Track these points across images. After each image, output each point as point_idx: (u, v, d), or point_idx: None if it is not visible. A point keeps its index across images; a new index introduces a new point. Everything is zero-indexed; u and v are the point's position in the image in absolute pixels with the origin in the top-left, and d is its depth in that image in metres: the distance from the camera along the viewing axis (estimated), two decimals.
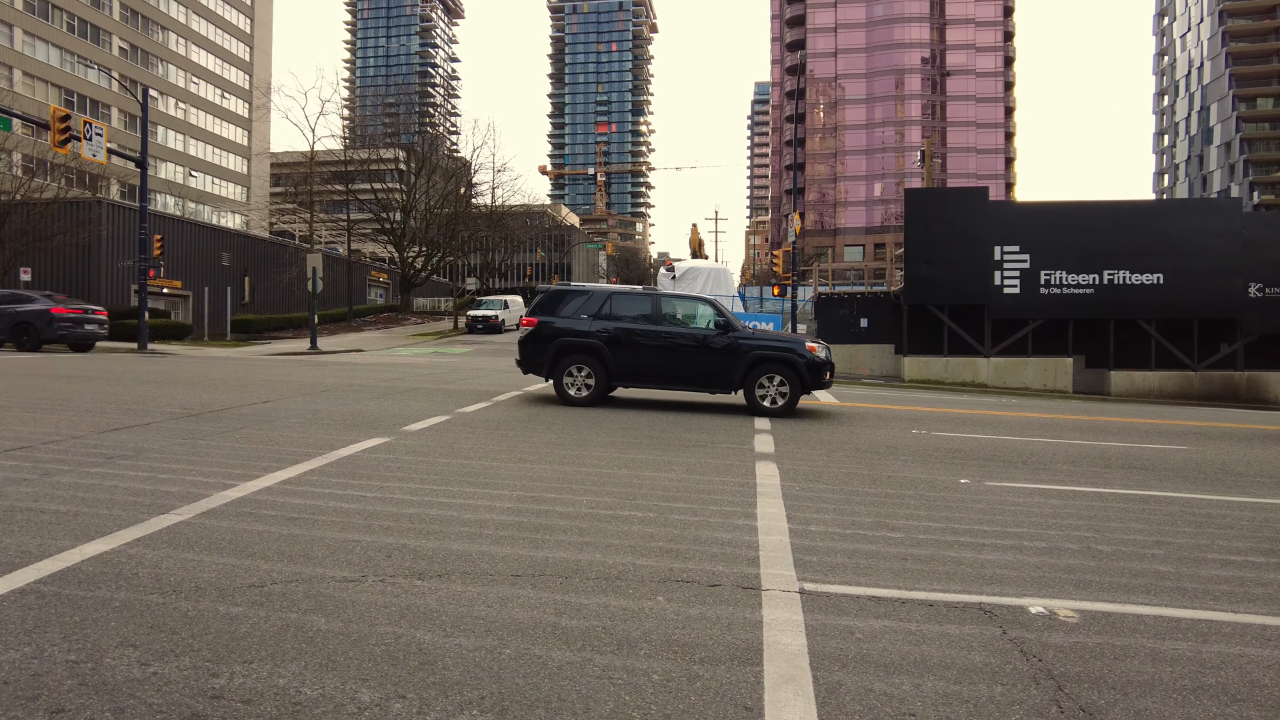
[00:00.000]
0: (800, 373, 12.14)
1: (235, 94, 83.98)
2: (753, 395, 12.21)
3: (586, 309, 12.74)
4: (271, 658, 3.33)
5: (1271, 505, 7.20)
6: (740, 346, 12.24)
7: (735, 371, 12.22)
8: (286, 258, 45.52)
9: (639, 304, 12.82)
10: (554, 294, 13.16)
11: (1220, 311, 21.91)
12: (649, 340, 12.44)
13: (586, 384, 12.47)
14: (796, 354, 12.20)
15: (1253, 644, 3.95)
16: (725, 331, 12.34)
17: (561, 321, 12.68)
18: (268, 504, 5.83)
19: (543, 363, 12.68)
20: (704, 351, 12.33)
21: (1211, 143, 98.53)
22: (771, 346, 12.34)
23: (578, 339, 12.49)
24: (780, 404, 12.14)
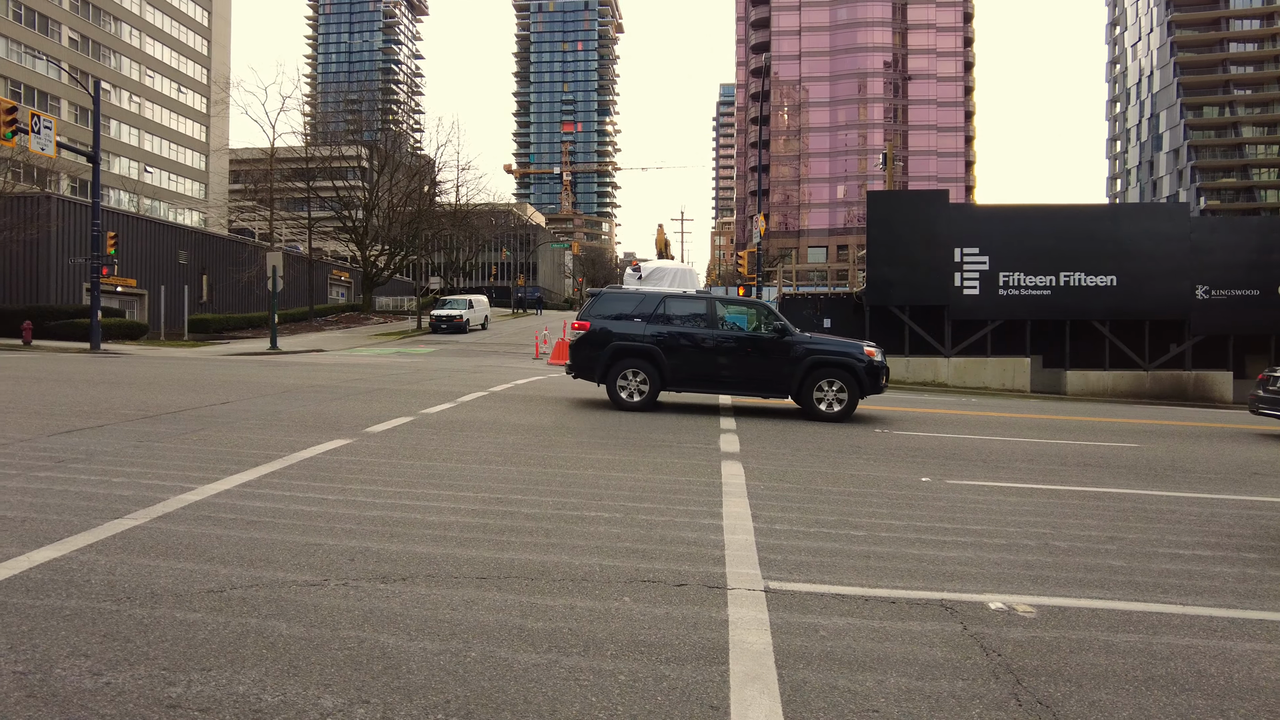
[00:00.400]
0: (859, 377, 11.95)
1: (192, 88, 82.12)
2: (810, 400, 11.96)
3: (640, 312, 12.45)
4: (231, 665, 3.26)
5: (1217, 500, 7.44)
6: (798, 350, 12.01)
7: (793, 376, 11.98)
8: (246, 256, 44.66)
9: (694, 307, 12.54)
10: (605, 297, 12.87)
11: (1170, 313, 22.57)
12: (705, 344, 12.17)
13: (640, 389, 12.17)
14: (855, 358, 11.99)
15: (1200, 635, 4.07)
16: (783, 335, 12.16)
17: (614, 325, 12.36)
18: (227, 507, 5.71)
19: (595, 367, 12.33)
20: (761, 356, 12.12)
21: (1161, 149, 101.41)
22: (830, 350, 12.07)
23: (632, 343, 12.17)
24: (838, 409, 11.90)
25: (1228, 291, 22.48)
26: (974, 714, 3.14)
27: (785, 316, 27.81)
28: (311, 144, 53.17)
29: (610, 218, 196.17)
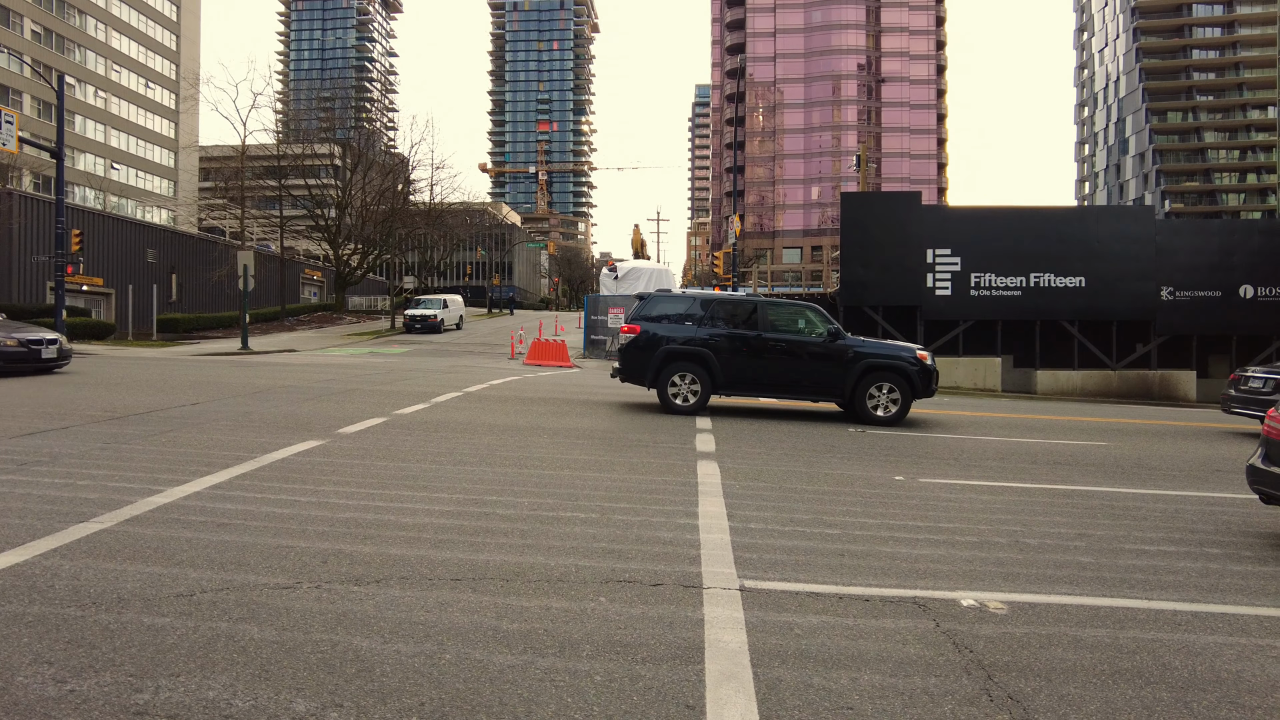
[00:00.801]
0: (912, 381, 11.89)
1: (161, 84, 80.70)
2: (864, 404, 11.89)
3: (690, 315, 12.36)
4: (201, 669, 3.21)
5: (1181, 497, 7.60)
6: (852, 354, 11.94)
7: (846, 380, 11.90)
8: (216, 255, 43.98)
9: (745, 310, 12.45)
10: (655, 300, 12.71)
11: (1136, 314, 23.00)
12: (758, 348, 12.08)
13: (692, 391, 12.05)
14: (909, 361, 11.94)
15: (1164, 629, 4.16)
16: (835, 339, 12.08)
17: (664, 328, 12.24)
18: (196, 510, 5.62)
19: (645, 371, 12.20)
20: (814, 359, 12.04)
21: (1127, 153, 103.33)
22: (883, 354, 12.01)
23: (684, 346, 12.05)
24: (891, 413, 11.84)
25: (1191, 293, 22.97)
26: (947, 710, 3.17)
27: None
28: (284, 141, 52.51)
29: (586, 217, 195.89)
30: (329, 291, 59.69)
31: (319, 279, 62.94)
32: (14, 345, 14.66)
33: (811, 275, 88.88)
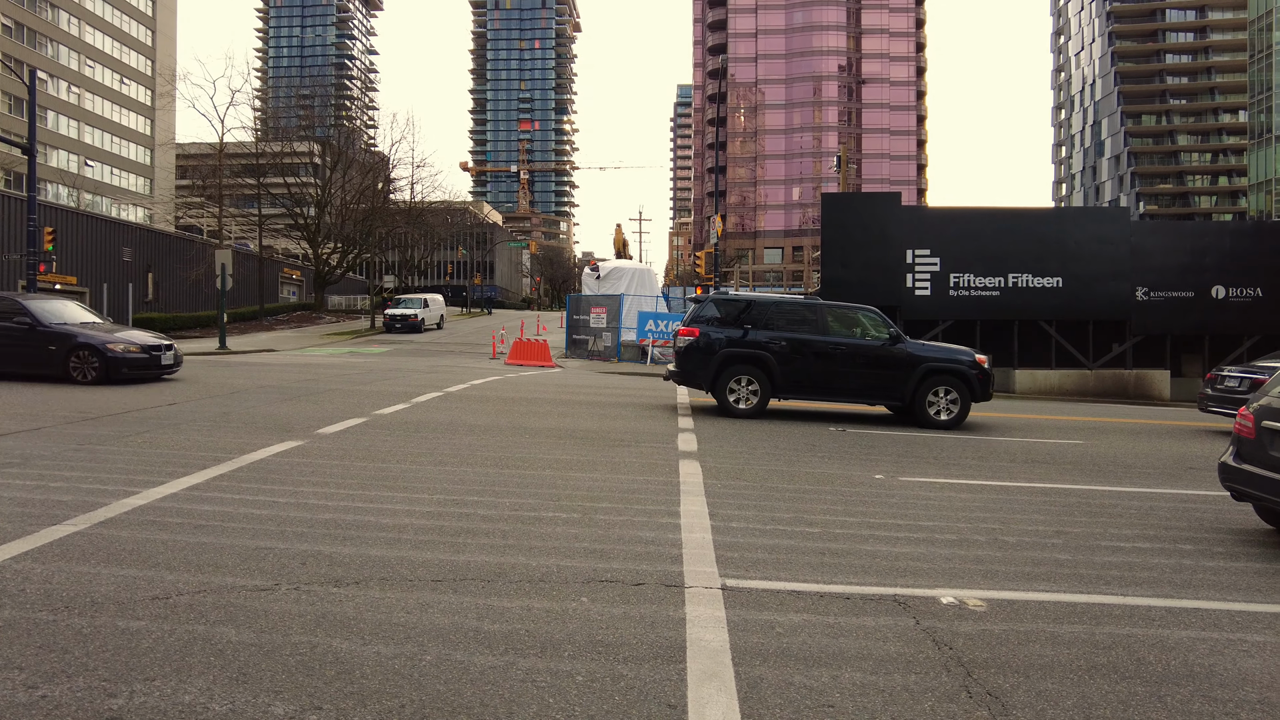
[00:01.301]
0: (972, 385, 11.89)
1: (136, 79, 79.59)
2: (923, 408, 11.85)
3: (749, 319, 12.28)
4: (177, 673, 3.17)
5: (1156, 494, 7.71)
6: (911, 358, 11.92)
7: (906, 384, 11.86)
8: (194, 253, 43.46)
9: (804, 313, 12.36)
10: (714, 303, 12.64)
11: (1112, 314, 23.30)
12: (818, 351, 12.02)
13: (751, 395, 11.99)
14: (968, 365, 11.95)
15: (1139, 624, 4.22)
16: (895, 342, 12.06)
17: (724, 331, 12.17)
18: (173, 511, 5.55)
19: (704, 374, 12.11)
20: (874, 363, 11.99)
21: (1103, 155, 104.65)
22: (943, 358, 12.02)
23: (743, 349, 11.99)
24: (950, 416, 11.84)
25: (1165, 293, 23.30)
26: (926, 707, 3.20)
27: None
28: (262, 139, 51.97)
29: (568, 217, 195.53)
30: (308, 291, 59.15)
31: (298, 278, 62.37)
32: (137, 351, 13.80)
33: (793, 275, 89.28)
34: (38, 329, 13.63)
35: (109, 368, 13.39)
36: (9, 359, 13.68)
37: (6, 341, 13.64)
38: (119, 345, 13.60)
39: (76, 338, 13.54)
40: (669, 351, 26.69)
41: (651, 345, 26.34)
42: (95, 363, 13.36)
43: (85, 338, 13.54)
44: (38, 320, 13.72)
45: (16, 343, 13.62)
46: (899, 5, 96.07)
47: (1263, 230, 27.77)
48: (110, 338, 13.73)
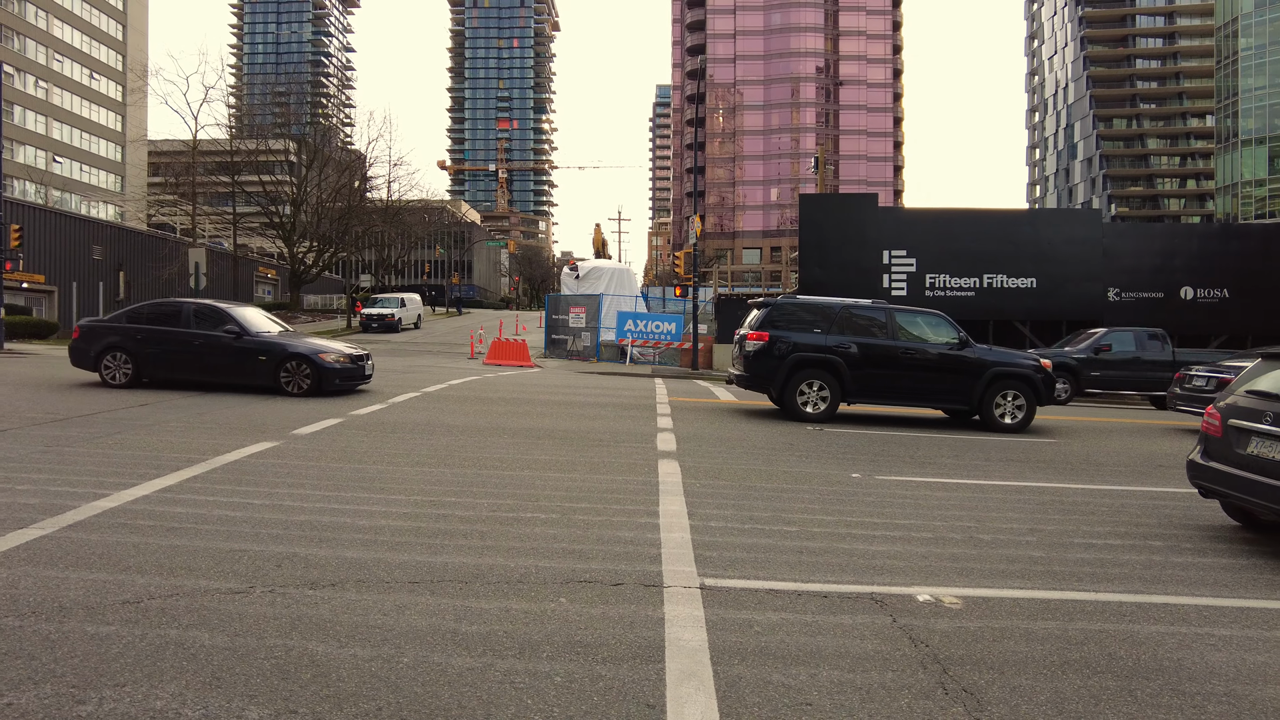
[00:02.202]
0: (1037, 389, 12.04)
1: (106, 75, 78.22)
2: (990, 412, 11.99)
3: (820, 323, 12.27)
4: (148, 679, 3.12)
5: (1127, 492, 7.83)
6: (980, 362, 12.02)
7: (974, 388, 11.97)
8: (166, 252, 42.81)
9: (874, 318, 12.37)
10: (784, 307, 12.61)
11: (1084, 314, 23.65)
12: (888, 356, 12.05)
13: (821, 399, 12.00)
14: (1034, 369, 12.12)
15: (1110, 620, 4.28)
16: (963, 346, 12.14)
17: (795, 336, 12.17)
18: (145, 514, 5.47)
19: (773, 378, 12.11)
20: (942, 368, 12.05)
21: (1076, 157, 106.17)
22: (1010, 362, 12.16)
23: (814, 354, 12.01)
24: (1018, 419, 11.98)
25: (1136, 294, 23.70)
26: (903, 704, 3.23)
27: (718, 316, 27.77)
28: (237, 137, 51.32)
29: (547, 216, 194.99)
30: (283, 290, 58.51)
31: (273, 277, 61.67)
32: (346, 361, 13.08)
33: (771, 276, 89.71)
34: (245, 339, 12.98)
35: (322, 379, 12.72)
36: (217, 370, 12.97)
37: (214, 352, 12.92)
38: (330, 355, 12.93)
39: (288, 348, 12.86)
40: (648, 351, 26.67)
41: (630, 345, 26.32)
42: (308, 373, 12.68)
43: (296, 348, 12.89)
44: (245, 330, 13.08)
45: (224, 354, 12.90)
46: (876, 8, 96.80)
47: (1229, 233, 28.34)
48: (320, 348, 13.14)
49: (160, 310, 13.55)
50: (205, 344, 12.97)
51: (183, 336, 13.05)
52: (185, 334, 13.07)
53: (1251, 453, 5.71)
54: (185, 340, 13.03)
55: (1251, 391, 6.05)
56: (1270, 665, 3.79)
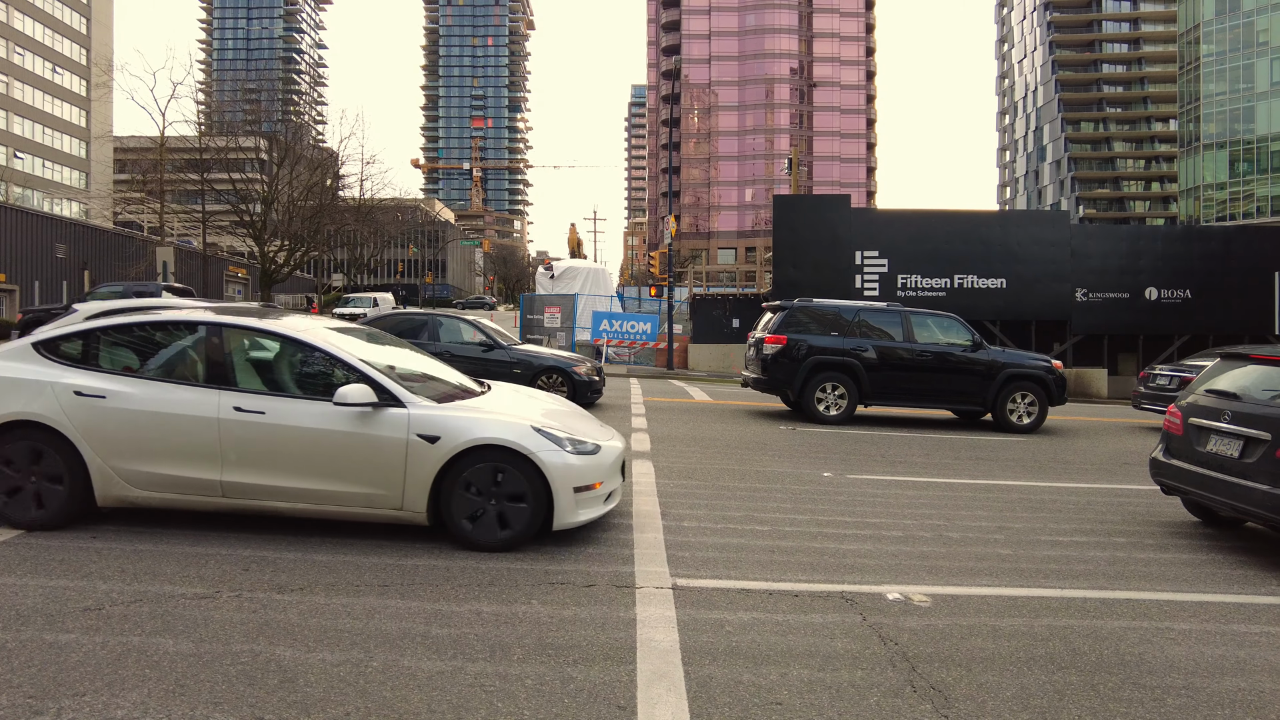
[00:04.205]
0: (1049, 389, 12.25)
1: (70, 69, 76.60)
2: (1003, 413, 12.15)
3: (836, 326, 12.40)
4: (109, 687, 3.06)
5: (1093, 489, 7.97)
6: (992, 364, 12.19)
7: (988, 389, 12.14)
8: (134, 251, 42.04)
9: (890, 321, 12.52)
10: (800, 310, 12.69)
11: (1053, 314, 24.02)
12: (905, 358, 12.18)
13: (839, 402, 12.06)
14: (1046, 370, 12.34)
15: (1075, 616, 4.36)
16: (977, 349, 12.30)
17: (812, 339, 12.27)
18: (108, 518, 5.36)
19: (791, 381, 12.18)
20: (958, 369, 12.18)
21: (1045, 160, 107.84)
22: (1022, 363, 12.37)
23: (832, 357, 12.12)
24: (1029, 420, 12.15)
25: (1103, 294, 24.12)
26: (872, 702, 3.26)
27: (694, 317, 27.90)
28: (206, 134, 50.50)
29: (522, 215, 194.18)
30: (254, 289, 57.70)
31: (244, 276, 60.81)
32: (594, 373, 12.72)
33: (746, 276, 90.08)
34: (496, 350, 12.59)
35: (576, 391, 12.34)
36: None
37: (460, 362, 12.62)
38: (581, 368, 12.64)
39: (543, 360, 12.57)
40: (624, 351, 26.68)
41: (606, 345, 26.30)
42: (564, 386, 12.30)
43: (550, 360, 12.59)
44: (495, 342, 12.70)
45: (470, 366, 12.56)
46: (850, 10, 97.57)
47: (1192, 235, 28.95)
48: (568, 359, 12.82)
49: (404, 320, 13.10)
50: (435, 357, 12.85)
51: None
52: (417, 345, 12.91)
53: (1211, 450, 5.84)
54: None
55: (1211, 390, 6.18)
56: (1227, 658, 3.88)
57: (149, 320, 5.48)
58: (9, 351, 5.23)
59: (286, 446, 4.95)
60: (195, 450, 4.95)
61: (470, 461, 4.95)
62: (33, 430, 4.96)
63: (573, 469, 5.05)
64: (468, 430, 4.99)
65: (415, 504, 4.96)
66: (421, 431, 4.94)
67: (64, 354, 5.18)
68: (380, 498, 4.97)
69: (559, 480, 4.99)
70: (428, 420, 4.99)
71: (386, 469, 4.93)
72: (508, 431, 5.04)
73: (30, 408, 4.95)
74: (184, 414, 4.96)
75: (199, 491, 5.00)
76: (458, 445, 4.92)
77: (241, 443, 4.94)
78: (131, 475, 4.97)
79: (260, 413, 4.95)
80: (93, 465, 4.95)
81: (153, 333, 5.41)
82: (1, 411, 4.96)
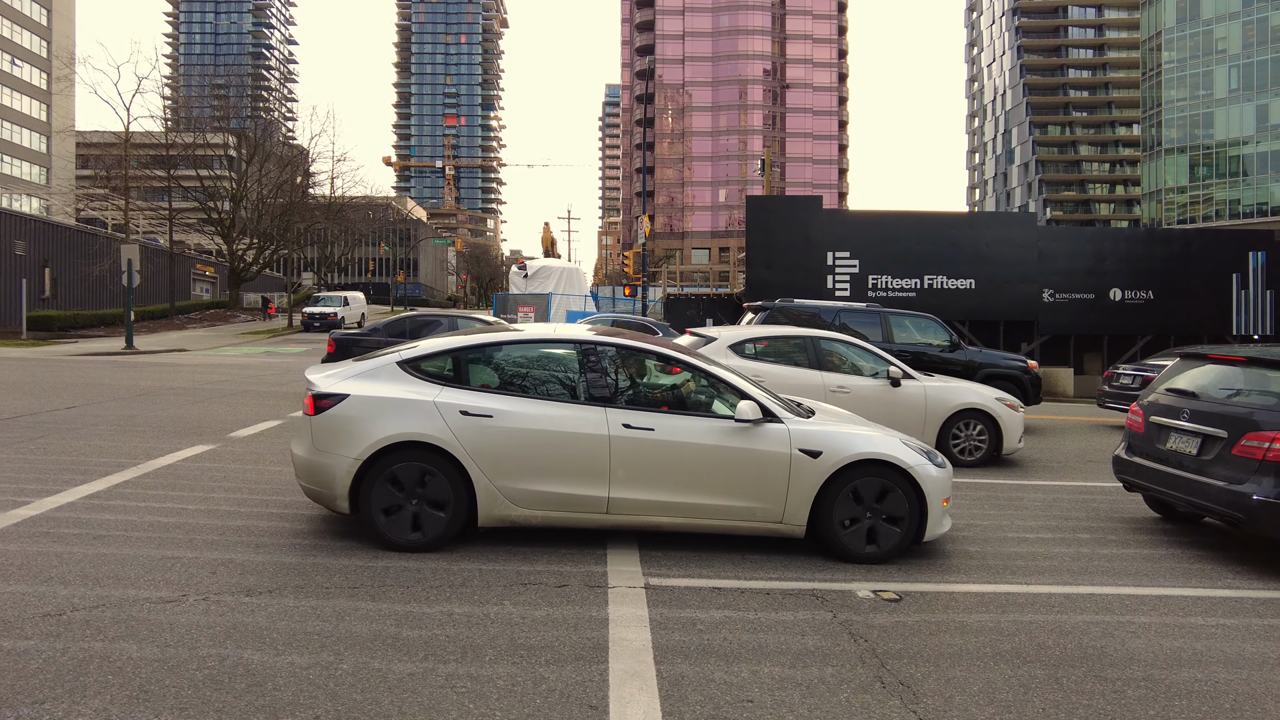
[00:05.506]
0: (1025, 388, 12.41)
1: (30, 61, 74.82)
2: None
3: (816, 327, 12.33)
4: (69, 694, 3.01)
5: (1058, 487, 8.12)
6: (970, 364, 12.34)
7: None
8: (97, 248, 41.12)
9: (869, 322, 12.65)
10: (781, 311, 12.77)
11: (1021, 314, 24.41)
12: None
13: None
14: (1021, 370, 12.56)
15: (1040, 611, 4.44)
16: (954, 349, 12.45)
17: None
18: (69, 521, 5.26)
19: None
20: (937, 368, 12.15)
21: (1013, 162, 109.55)
22: (999, 363, 12.63)
23: None
24: None
25: (1069, 295, 24.54)
26: (843, 698, 3.30)
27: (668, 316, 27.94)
28: (173, 130, 49.59)
29: (495, 214, 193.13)
30: (222, 288, 56.80)
31: (212, 275, 59.82)
32: None
33: (719, 276, 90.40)
34: None
35: None
36: None
37: None
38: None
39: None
40: None
41: None
42: None
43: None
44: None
45: None
46: (822, 12, 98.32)
47: (1154, 237, 29.57)
48: None
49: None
50: None
51: None
52: None
53: (1170, 448, 5.98)
54: None
55: (1171, 390, 6.33)
56: (1185, 650, 3.98)
57: (513, 339, 5.47)
58: (377, 371, 5.09)
59: (674, 462, 5.04)
60: (585, 468, 4.95)
61: (852, 476, 5.10)
62: (420, 451, 4.86)
63: (938, 481, 5.22)
64: (849, 445, 5.17)
65: (795, 517, 5.11)
66: (804, 446, 5.09)
67: (432, 373, 5.09)
68: (762, 511, 5.09)
69: (932, 493, 5.15)
70: (807, 435, 5.15)
71: (770, 483, 5.07)
72: (885, 446, 5.22)
73: (419, 428, 4.85)
74: (575, 432, 4.96)
75: (585, 509, 4.99)
76: (841, 459, 5.09)
77: (631, 459, 4.97)
78: (516, 494, 4.91)
79: (649, 429, 5.00)
80: (479, 485, 4.86)
81: (521, 352, 5.41)
82: (389, 432, 4.83)
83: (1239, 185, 63.16)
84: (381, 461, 4.85)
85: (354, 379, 5.07)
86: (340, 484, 4.86)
